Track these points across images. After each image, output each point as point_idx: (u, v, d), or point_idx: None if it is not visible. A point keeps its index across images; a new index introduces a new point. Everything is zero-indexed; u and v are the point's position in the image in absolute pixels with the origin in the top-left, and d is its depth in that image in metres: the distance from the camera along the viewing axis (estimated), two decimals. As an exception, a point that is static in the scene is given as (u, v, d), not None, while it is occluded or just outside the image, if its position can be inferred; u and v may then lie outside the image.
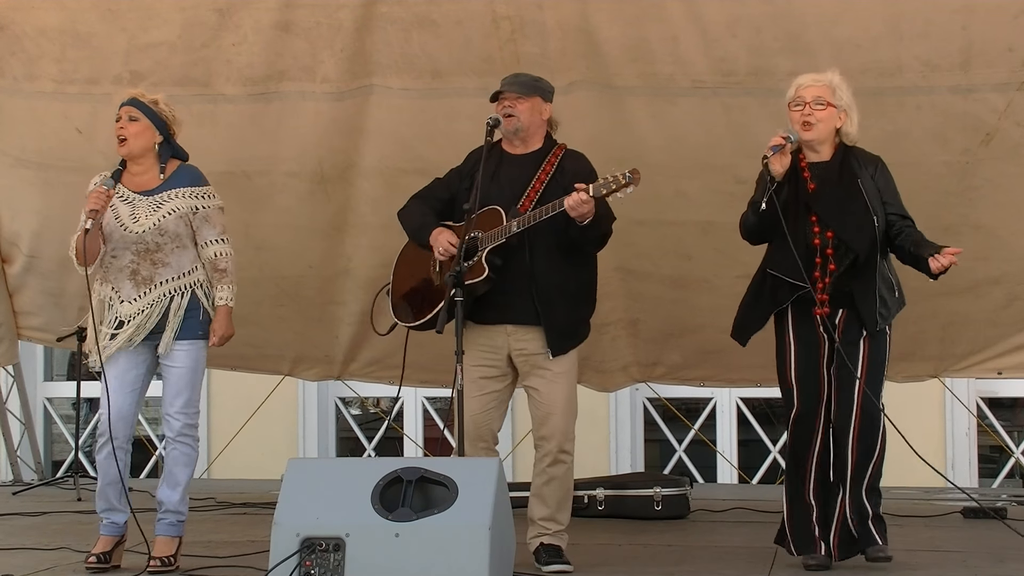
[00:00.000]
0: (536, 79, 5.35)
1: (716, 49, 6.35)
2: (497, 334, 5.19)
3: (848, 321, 5.07)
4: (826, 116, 5.08)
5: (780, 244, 5.07)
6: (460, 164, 5.42)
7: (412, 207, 5.43)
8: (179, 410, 5.22)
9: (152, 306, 5.18)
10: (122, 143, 5.26)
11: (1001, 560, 5.42)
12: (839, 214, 5.04)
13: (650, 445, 10.64)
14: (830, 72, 5.16)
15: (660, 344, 7.69)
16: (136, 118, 5.26)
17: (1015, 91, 6.21)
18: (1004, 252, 6.83)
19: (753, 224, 5.15)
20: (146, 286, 5.19)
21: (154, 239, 5.19)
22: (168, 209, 5.22)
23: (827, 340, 5.07)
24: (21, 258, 7.97)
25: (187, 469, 5.27)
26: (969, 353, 7.32)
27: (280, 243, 7.44)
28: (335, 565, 4.36)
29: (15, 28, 6.84)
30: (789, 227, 5.02)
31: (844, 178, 5.07)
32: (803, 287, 5.00)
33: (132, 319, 5.18)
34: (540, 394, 5.20)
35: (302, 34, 6.63)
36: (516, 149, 5.31)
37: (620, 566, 5.44)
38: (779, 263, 5.09)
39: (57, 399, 11.51)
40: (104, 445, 5.22)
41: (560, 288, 5.17)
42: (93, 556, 5.21)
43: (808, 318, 5.08)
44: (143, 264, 5.19)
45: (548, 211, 5.03)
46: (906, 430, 5.11)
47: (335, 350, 8.01)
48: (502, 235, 5.09)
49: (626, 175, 4.95)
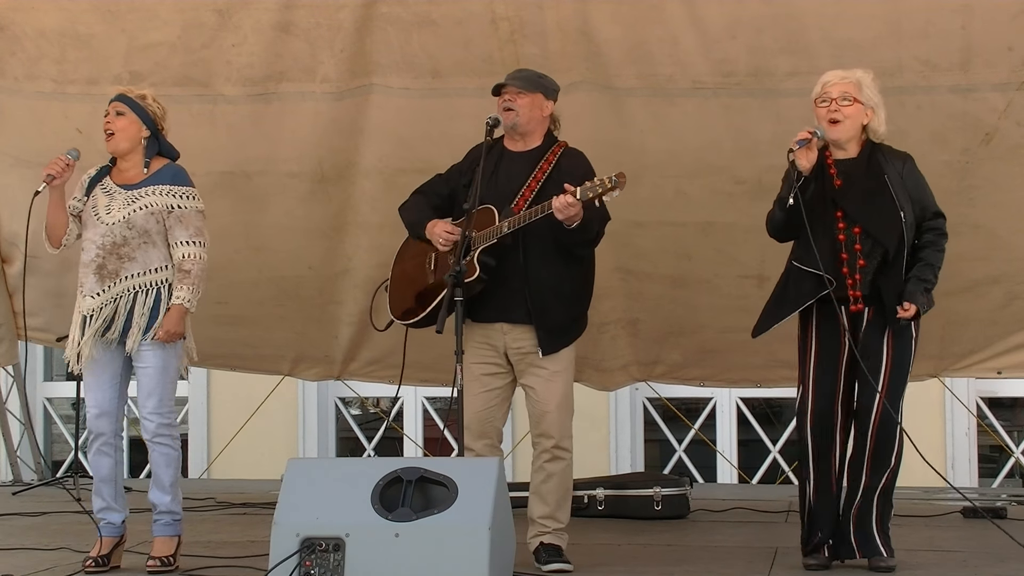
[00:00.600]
0: (540, 75, 5.35)
1: (716, 50, 6.35)
2: (494, 332, 5.19)
3: (874, 320, 5.03)
4: (853, 112, 5.05)
5: (805, 240, 5.03)
6: (461, 160, 5.43)
7: (411, 202, 5.45)
8: (152, 411, 5.17)
9: (115, 301, 5.14)
10: (109, 137, 5.25)
11: (1001, 560, 5.42)
12: (866, 209, 5.01)
13: (650, 445, 10.64)
14: (859, 70, 5.13)
15: (660, 344, 7.69)
16: (123, 112, 5.25)
17: (1015, 91, 6.21)
18: (1004, 252, 6.83)
19: (780, 220, 5.11)
20: (110, 280, 5.15)
21: (121, 232, 5.15)
22: (141, 204, 5.18)
23: (846, 340, 5.04)
24: (21, 258, 7.97)
25: (170, 469, 5.24)
26: (969, 353, 7.32)
27: (280, 243, 7.44)
28: (335, 565, 4.37)
29: (15, 29, 6.84)
30: (816, 223, 4.99)
31: (871, 174, 5.04)
32: (829, 283, 4.95)
33: (94, 314, 5.14)
34: (536, 392, 5.21)
35: (302, 35, 6.63)
36: (516, 146, 5.31)
37: (620, 566, 5.44)
38: (802, 257, 5.07)
39: (57, 399, 11.51)
40: (92, 443, 5.23)
41: (554, 288, 5.18)
42: (91, 559, 5.20)
43: (832, 319, 5.04)
44: (109, 258, 5.15)
45: (537, 213, 5.03)
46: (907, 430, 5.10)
47: (335, 350, 8.02)
48: (493, 236, 5.10)
49: (611, 179, 4.94)
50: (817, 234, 4.99)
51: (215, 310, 7.23)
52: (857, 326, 5.04)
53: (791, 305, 5.08)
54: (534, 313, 5.14)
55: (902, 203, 5.01)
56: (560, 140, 5.35)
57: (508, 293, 5.14)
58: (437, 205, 5.37)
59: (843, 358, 5.06)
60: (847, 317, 5.03)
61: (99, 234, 5.17)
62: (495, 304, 5.14)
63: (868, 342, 5.03)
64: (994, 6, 6.05)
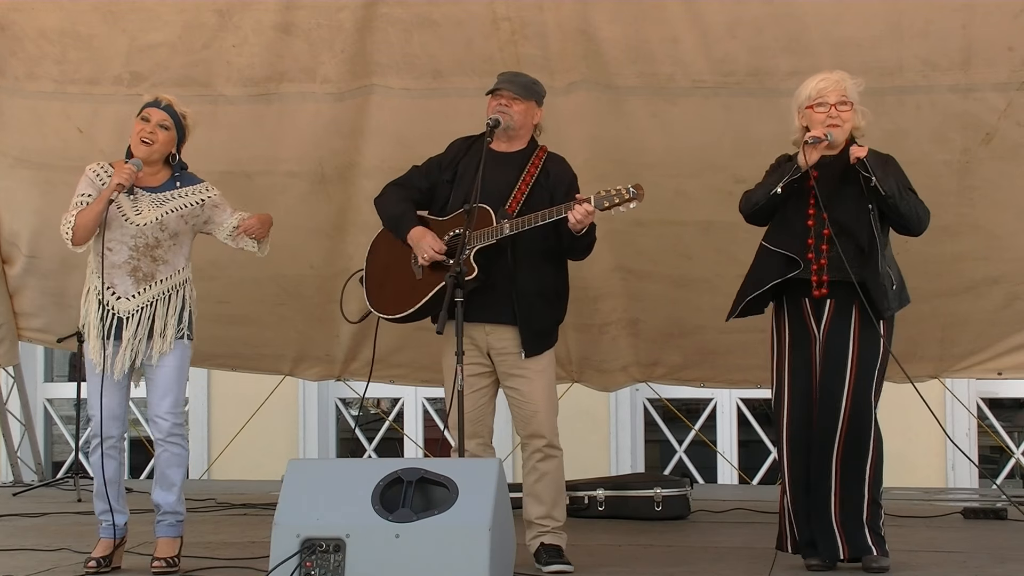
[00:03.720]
0: (534, 82, 5.37)
1: (716, 49, 6.35)
2: (477, 331, 5.19)
3: (837, 312, 5.06)
4: (850, 117, 5.11)
5: (778, 219, 5.12)
6: (441, 153, 5.42)
7: (390, 194, 5.42)
8: (168, 410, 5.19)
9: (152, 304, 5.17)
10: (146, 145, 5.24)
11: (1001, 560, 5.42)
12: (837, 197, 5.06)
13: (650, 446, 10.64)
14: (836, 72, 5.15)
15: (660, 344, 7.70)
16: (168, 128, 5.26)
17: (1015, 91, 6.22)
18: (1004, 252, 6.83)
19: (760, 204, 5.13)
20: (146, 283, 5.18)
21: (154, 234, 5.19)
22: (172, 207, 5.23)
23: (816, 335, 5.07)
24: (21, 259, 7.98)
25: (180, 470, 5.26)
26: (969, 353, 7.32)
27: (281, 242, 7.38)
28: (335, 566, 4.36)
29: (16, 29, 6.84)
30: (788, 208, 5.07)
31: (849, 168, 5.07)
32: (796, 264, 5.01)
33: (132, 316, 5.16)
34: (522, 393, 5.22)
35: (302, 35, 6.63)
36: (501, 146, 5.31)
37: (620, 567, 5.44)
38: (771, 238, 5.15)
39: (57, 400, 11.51)
40: (97, 447, 5.23)
41: (539, 291, 5.21)
42: (93, 560, 5.20)
43: (800, 315, 5.10)
44: (143, 260, 5.18)
45: (545, 217, 5.05)
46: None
47: (336, 349, 8.03)
48: (492, 236, 5.10)
49: (630, 190, 4.99)
50: (788, 217, 5.07)
51: (216, 309, 7.24)
52: (819, 315, 5.07)
53: (761, 283, 5.13)
54: (520, 315, 5.17)
55: (871, 197, 5.03)
56: (541, 144, 5.38)
57: (494, 294, 5.15)
58: (416, 200, 5.37)
59: (815, 354, 5.08)
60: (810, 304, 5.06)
61: (129, 235, 5.18)
62: (479, 304, 5.12)
63: (832, 333, 5.05)
64: (995, 6, 6.06)
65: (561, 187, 5.24)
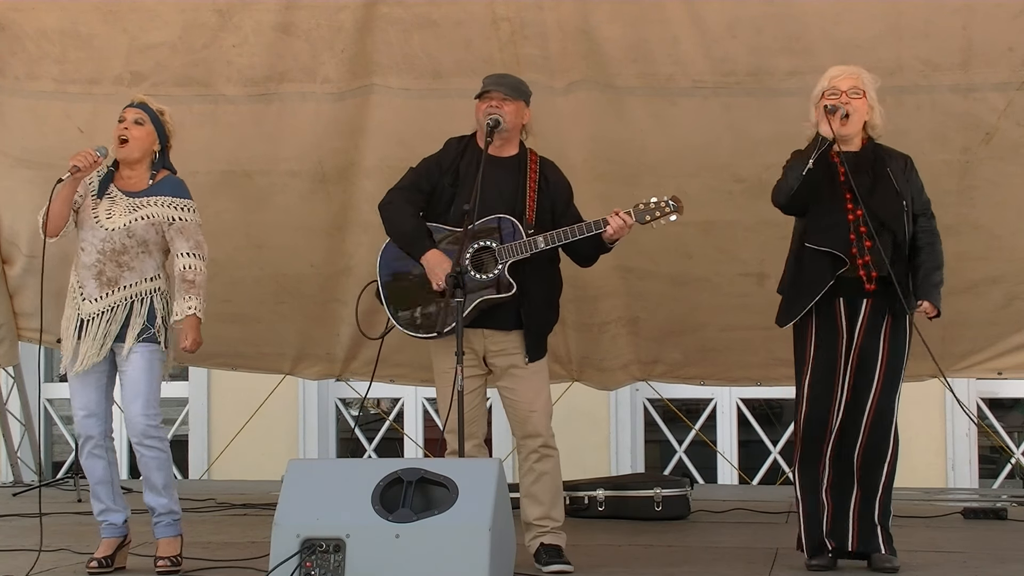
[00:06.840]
0: (520, 82, 5.37)
1: (716, 49, 6.35)
2: (474, 336, 5.18)
3: (872, 311, 5.04)
4: (861, 106, 5.10)
5: (815, 218, 5.07)
6: (438, 153, 5.39)
7: (398, 206, 5.30)
8: (139, 412, 5.15)
9: (113, 309, 5.15)
10: (123, 144, 5.24)
11: (1001, 560, 5.42)
12: (872, 191, 5.06)
13: (650, 446, 10.64)
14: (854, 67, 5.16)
15: (660, 342, 7.70)
16: (142, 122, 5.25)
17: (1015, 91, 6.22)
18: (1004, 252, 6.84)
19: (795, 188, 5.04)
20: (110, 287, 5.15)
21: (121, 240, 5.15)
22: (143, 214, 5.19)
23: (845, 335, 5.06)
24: (21, 259, 7.98)
25: (162, 472, 5.22)
26: (969, 353, 7.32)
27: (281, 242, 7.45)
28: (335, 566, 4.36)
29: (16, 29, 6.84)
30: (823, 206, 5.04)
31: (875, 164, 5.10)
32: (843, 263, 4.98)
33: (93, 320, 5.15)
34: (518, 393, 5.22)
35: (302, 35, 6.63)
36: (494, 150, 5.28)
37: (620, 567, 5.44)
38: (813, 237, 5.07)
39: (57, 400, 11.50)
40: (83, 447, 5.23)
41: (544, 297, 5.24)
42: (95, 560, 5.20)
43: (831, 315, 5.06)
44: (108, 265, 5.15)
45: (578, 232, 5.08)
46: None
47: (336, 348, 8.03)
48: (526, 249, 5.09)
49: (670, 203, 5.05)
50: (825, 216, 5.02)
51: (217, 308, 7.21)
52: (852, 315, 5.05)
53: (816, 286, 5.05)
54: (526, 321, 5.17)
55: (903, 193, 5.07)
56: (529, 147, 5.37)
57: None
58: (421, 207, 5.29)
59: (840, 357, 5.06)
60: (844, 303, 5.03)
61: (99, 238, 5.16)
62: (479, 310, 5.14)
63: (868, 331, 5.04)
64: (995, 6, 6.06)
65: (561, 197, 5.29)
